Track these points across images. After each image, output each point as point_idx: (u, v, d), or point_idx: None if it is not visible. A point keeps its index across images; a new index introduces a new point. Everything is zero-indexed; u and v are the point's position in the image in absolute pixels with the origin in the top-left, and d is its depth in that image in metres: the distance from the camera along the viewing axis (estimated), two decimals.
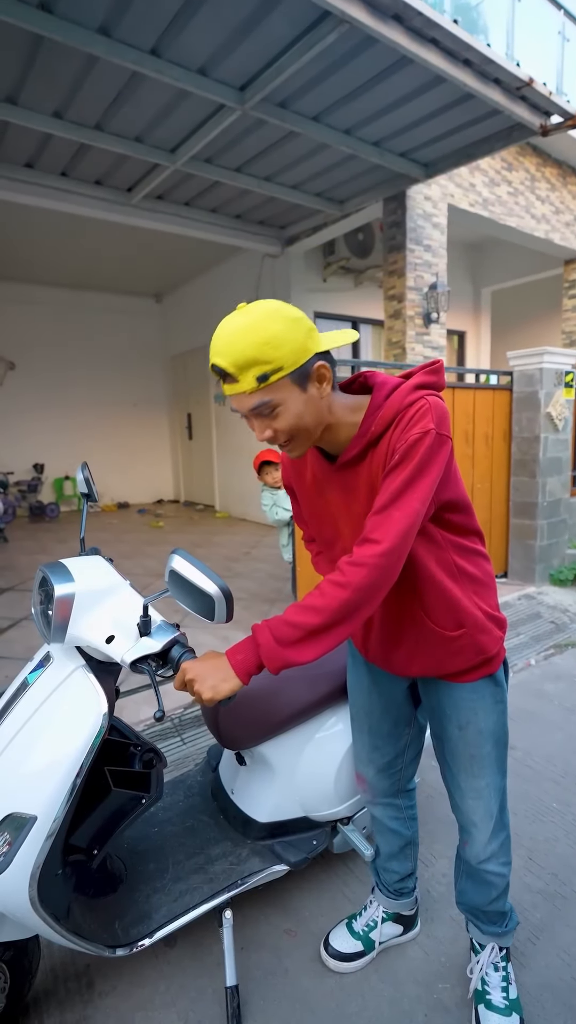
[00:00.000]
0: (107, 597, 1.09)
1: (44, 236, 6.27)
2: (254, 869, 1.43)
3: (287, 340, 0.88)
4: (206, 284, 7.95)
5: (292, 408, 0.93)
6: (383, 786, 1.41)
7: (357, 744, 1.41)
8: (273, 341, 0.87)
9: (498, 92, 3.25)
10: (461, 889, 1.33)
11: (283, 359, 0.88)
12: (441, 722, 1.21)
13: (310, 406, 0.95)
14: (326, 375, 0.96)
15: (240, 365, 0.88)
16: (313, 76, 3.18)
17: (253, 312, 0.89)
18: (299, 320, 0.91)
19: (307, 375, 0.93)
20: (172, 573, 0.89)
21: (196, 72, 3.13)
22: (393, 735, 1.35)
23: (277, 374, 0.89)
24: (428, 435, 0.92)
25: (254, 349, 0.87)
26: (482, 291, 8.14)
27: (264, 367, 0.88)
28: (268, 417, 0.94)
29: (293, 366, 0.90)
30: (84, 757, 1.05)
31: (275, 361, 0.88)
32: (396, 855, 1.47)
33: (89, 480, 1.41)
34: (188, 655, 1.01)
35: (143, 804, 1.21)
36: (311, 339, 0.93)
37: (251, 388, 0.90)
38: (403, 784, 1.43)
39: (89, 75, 3.15)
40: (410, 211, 4.81)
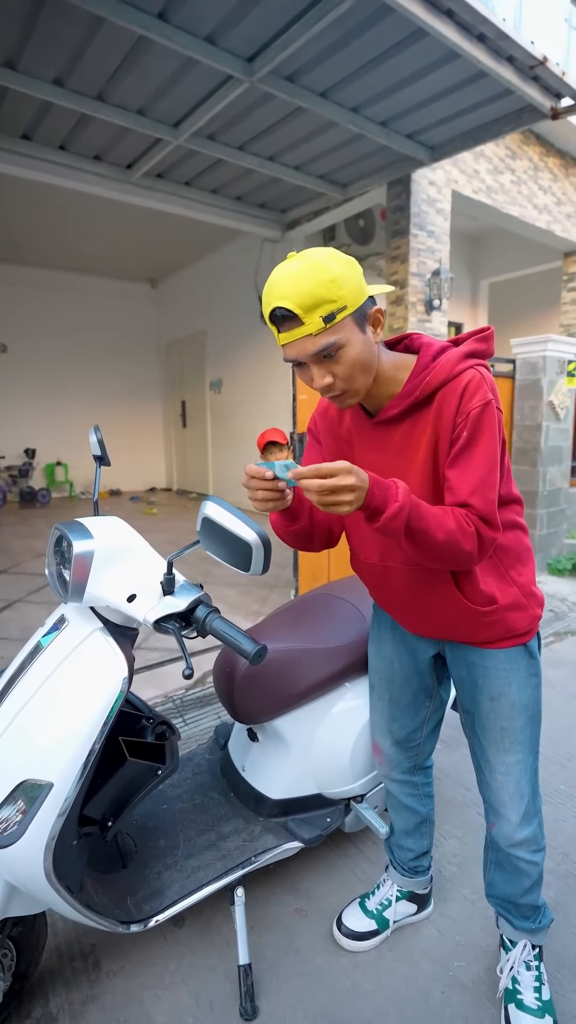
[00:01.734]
0: (127, 555, 1.03)
1: (38, 216, 6.13)
2: (267, 846, 1.39)
3: (348, 279, 0.88)
4: (203, 270, 7.84)
5: (354, 349, 0.92)
6: (400, 760, 1.37)
7: (375, 714, 1.37)
8: (338, 279, 0.87)
9: (511, 71, 3.20)
10: (491, 880, 1.28)
11: (347, 297, 0.88)
12: (471, 693, 1.17)
13: (368, 349, 0.95)
14: (380, 319, 0.96)
15: (307, 306, 0.86)
16: (324, 48, 3.10)
17: (311, 256, 0.88)
18: (352, 262, 0.92)
19: (366, 316, 0.94)
20: (205, 521, 0.84)
21: (204, 40, 3.04)
22: (413, 707, 1.32)
23: (343, 312, 0.88)
24: (488, 406, 0.94)
25: (322, 287, 0.85)
26: (480, 283, 8.11)
27: (331, 306, 0.87)
28: (330, 360, 0.92)
29: (355, 305, 0.90)
30: (103, 723, 1.00)
31: (340, 300, 0.87)
32: (411, 832, 1.44)
33: (102, 442, 1.35)
34: (213, 615, 0.96)
35: (159, 775, 1.16)
36: (364, 282, 0.93)
37: (318, 328, 0.88)
38: (420, 760, 1.39)
39: (94, 40, 3.04)
40: (414, 196, 4.75)
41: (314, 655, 1.44)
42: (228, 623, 0.94)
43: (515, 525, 1.11)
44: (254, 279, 6.63)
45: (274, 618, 1.59)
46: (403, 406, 0.99)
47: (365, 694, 1.51)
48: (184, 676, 0.87)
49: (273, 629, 1.52)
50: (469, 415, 0.94)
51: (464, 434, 0.94)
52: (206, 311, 7.94)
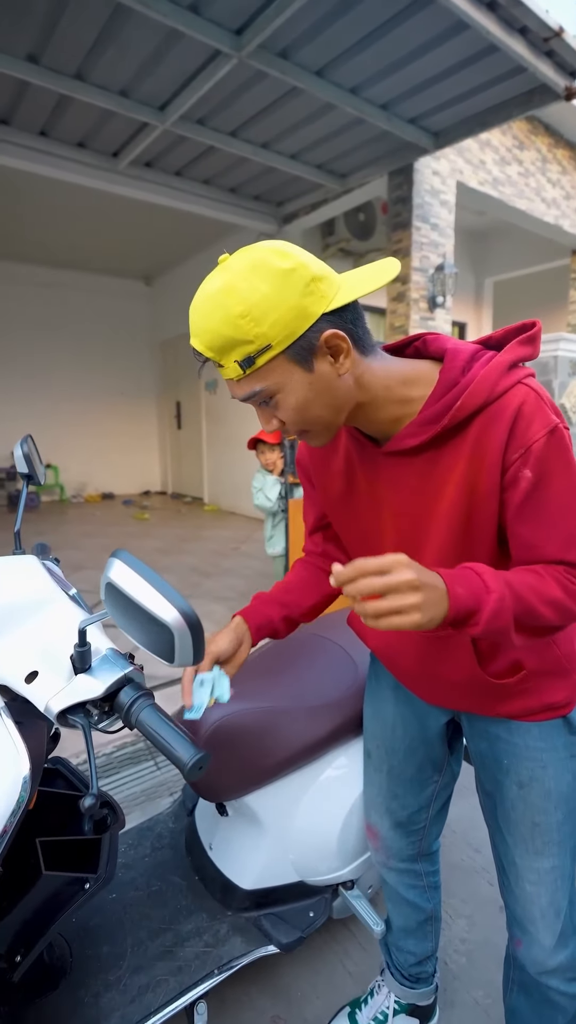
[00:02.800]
0: (33, 615, 0.77)
1: (26, 208, 5.88)
2: (235, 953, 1.13)
3: (274, 306, 0.63)
4: (198, 266, 7.58)
5: (295, 395, 0.69)
6: (399, 846, 1.11)
7: (371, 788, 1.12)
8: (253, 311, 0.63)
9: (523, 44, 2.95)
10: (513, 1008, 1.01)
11: (270, 334, 0.64)
12: (494, 774, 0.92)
13: (320, 389, 0.70)
14: (341, 346, 0.68)
15: (217, 348, 0.66)
16: (319, 18, 2.85)
17: (232, 268, 0.65)
18: (292, 272, 0.64)
19: (311, 349, 0.67)
20: (110, 588, 0.57)
21: (187, 8, 2.79)
22: (418, 782, 1.06)
23: (264, 355, 0.65)
24: (556, 433, 0.69)
25: (229, 326, 0.63)
26: (485, 282, 7.86)
27: (246, 348, 0.64)
28: (268, 407, 0.72)
29: (287, 341, 0.65)
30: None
31: (259, 339, 0.64)
32: (413, 932, 1.18)
33: (31, 457, 1.09)
34: (143, 701, 0.70)
35: (87, 890, 0.90)
36: (313, 296, 0.65)
37: (236, 375, 0.68)
38: (425, 845, 1.13)
39: (66, 8, 2.79)
40: (417, 186, 4.49)
41: (294, 716, 1.18)
42: (162, 716, 0.68)
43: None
44: None
45: (248, 666, 1.33)
46: (426, 436, 0.73)
47: (356, 760, 1.25)
48: (82, 808, 0.61)
49: (246, 681, 1.25)
50: (531, 450, 0.68)
51: (529, 475, 0.69)
52: None
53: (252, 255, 0.65)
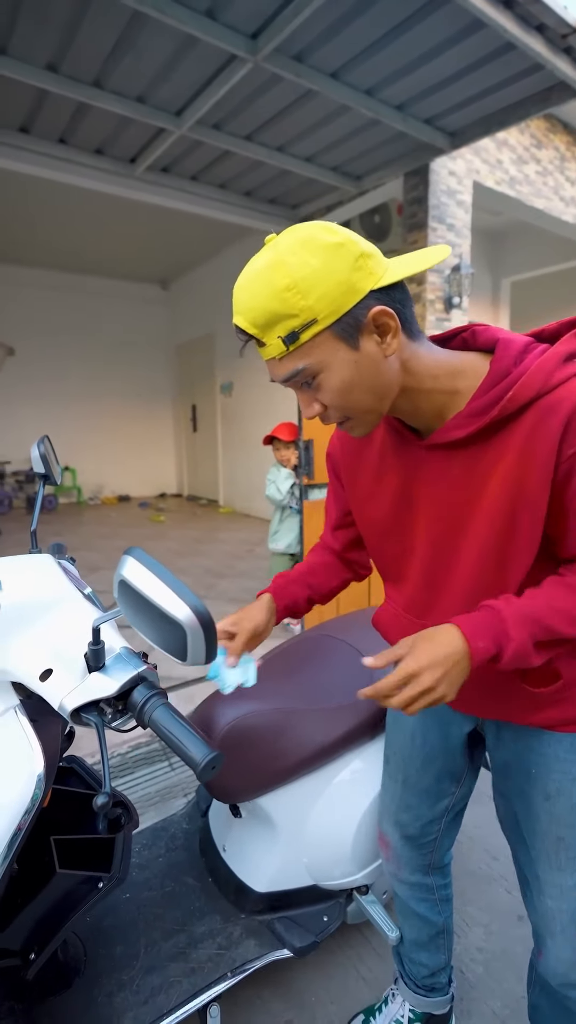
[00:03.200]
0: (47, 614, 0.78)
1: (46, 216, 5.97)
2: (248, 956, 1.13)
3: (321, 280, 0.62)
4: (214, 269, 7.63)
5: (338, 374, 0.67)
6: (409, 857, 1.09)
7: (386, 795, 1.10)
8: (301, 284, 0.61)
9: (540, 41, 2.91)
10: (535, 1004, 1.00)
11: (316, 307, 0.62)
12: (520, 786, 0.89)
13: (366, 369, 0.67)
14: (390, 324, 0.66)
15: (262, 324, 0.64)
16: (334, 21, 2.85)
17: (280, 245, 0.64)
18: (342, 246, 0.62)
19: (357, 326, 0.65)
20: (123, 585, 0.57)
21: (203, 14, 2.80)
22: (433, 793, 1.04)
23: (309, 329, 0.63)
24: None
25: (275, 299, 0.62)
26: (501, 282, 7.77)
27: (292, 322, 0.63)
28: (310, 389, 0.69)
29: (333, 316, 0.63)
30: (9, 837, 0.74)
31: (304, 312, 0.62)
32: (424, 945, 1.15)
33: (47, 457, 1.10)
34: (156, 700, 0.70)
35: (100, 888, 0.90)
36: (362, 271, 0.63)
37: (279, 352, 0.65)
38: (436, 858, 1.10)
39: (85, 17, 2.83)
40: (433, 186, 4.46)
41: (308, 718, 1.17)
42: (175, 715, 0.68)
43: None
44: None
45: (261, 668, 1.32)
46: (474, 427, 0.70)
47: (371, 764, 1.23)
48: (95, 806, 0.61)
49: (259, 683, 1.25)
50: (563, 454, 0.65)
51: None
52: (216, 312, 7.73)
53: (300, 232, 0.64)
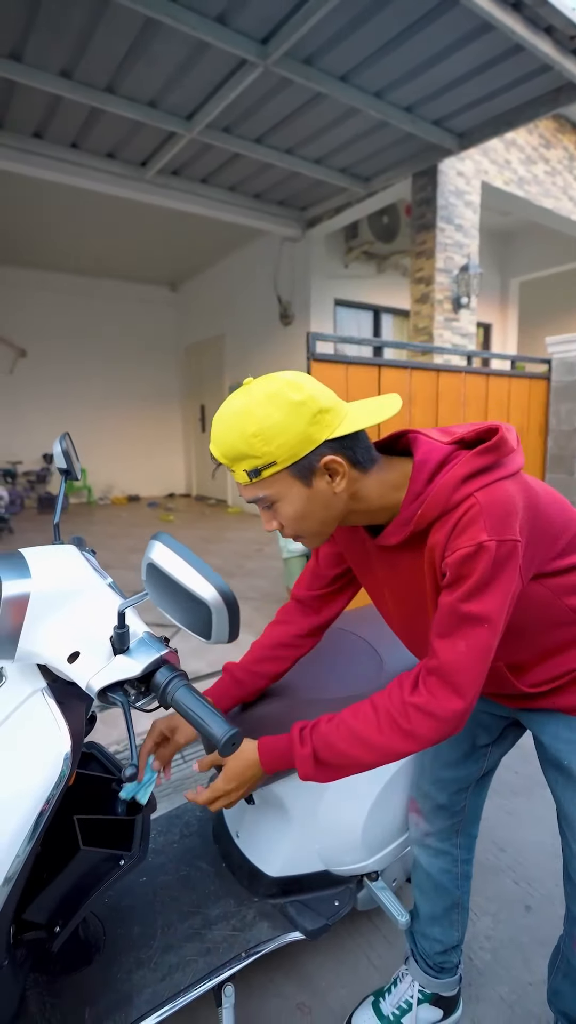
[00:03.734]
0: (74, 600, 0.82)
1: (57, 219, 6.05)
2: (261, 938, 1.16)
3: (282, 431, 0.74)
4: (223, 272, 7.69)
5: (292, 505, 0.80)
6: (438, 827, 1.16)
7: (417, 767, 1.18)
8: (265, 433, 0.74)
9: (549, 43, 2.93)
10: (556, 989, 1.03)
11: (276, 453, 0.75)
12: (557, 776, 0.94)
13: (316, 502, 0.80)
14: (339, 469, 0.79)
15: (231, 457, 0.77)
16: (343, 25, 2.89)
17: (252, 394, 0.76)
18: (303, 404, 0.75)
19: (311, 469, 0.78)
20: (152, 568, 0.61)
21: (214, 20, 2.85)
22: (460, 764, 1.11)
23: (270, 469, 0.76)
24: (482, 551, 0.73)
25: (243, 442, 0.75)
26: (510, 282, 7.77)
27: (255, 461, 0.76)
28: (270, 511, 0.83)
29: (289, 460, 0.76)
30: (38, 813, 0.78)
31: (266, 455, 0.75)
32: (439, 918, 1.19)
33: (69, 453, 1.14)
34: (178, 681, 0.73)
35: (121, 866, 0.94)
36: (318, 425, 0.76)
37: (244, 482, 0.79)
38: (465, 825, 1.16)
39: (99, 25, 2.89)
40: (441, 187, 4.49)
41: (320, 708, 1.19)
42: (196, 695, 0.72)
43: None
44: (274, 280, 6.44)
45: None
46: (401, 536, 0.83)
47: None
48: (124, 778, 0.65)
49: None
50: (455, 556, 0.75)
51: (447, 577, 0.77)
52: (225, 313, 7.79)
53: (271, 385, 0.76)
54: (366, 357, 2.76)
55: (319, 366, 2.67)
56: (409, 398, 2.83)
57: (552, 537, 0.83)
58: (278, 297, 6.40)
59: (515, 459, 0.80)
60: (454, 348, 4.62)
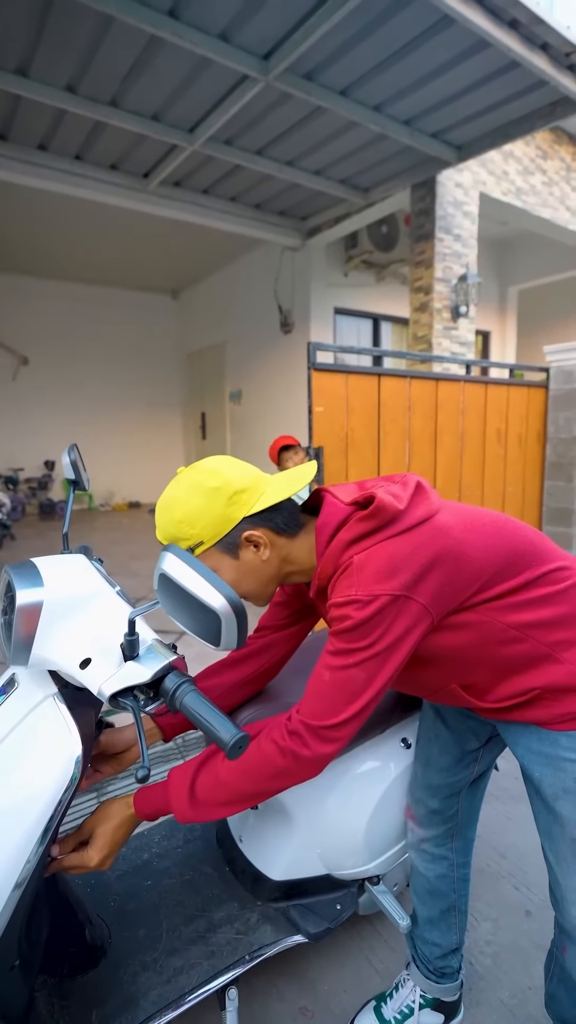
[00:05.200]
0: (85, 608, 0.84)
1: (60, 228, 6.12)
2: (265, 941, 1.17)
3: (202, 515, 0.85)
4: (224, 280, 7.76)
5: (227, 575, 0.90)
6: (434, 829, 1.18)
7: (414, 773, 1.22)
8: (188, 519, 0.86)
9: (544, 59, 2.99)
10: (552, 994, 1.03)
11: (202, 534, 0.86)
12: (535, 787, 0.94)
13: (247, 571, 0.91)
14: (260, 540, 0.89)
15: (168, 538, 0.89)
16: (343, 41, 2.95)
17: (180, 483, 0.88)
18: (218, 489, 0.86)
19: (235, 544, 0.89)
20: (163, 578, 0.64)
21: (217, 37, 2.91)
22: (451, 770, 1.13)
23: (199, 548, 0.87)
24: (352, 603, 0.80)
25: (173, 526, 0.87)
26: (508, 290, 7.84)
27: (186, 542, 0.87)
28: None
29: (214, 538, 0.87)
30: (48, 818, 0.81)
31: (193, 537, 0.86)
32: (437, 922, 1.21)
33: (77, 464, 1.17)
34: (186, 687, 0.76)
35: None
36: (236, 505, 0.87)
37: None
38: (459, 828, 1.18)
39: (103, 41, 2.95)
40: (440, 198, 4.55)
41: None
42: (204, 699, 0.74)
43: (553, 595, 0.89)
44: (274, 288, 6.50)
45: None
46: (314, 592, 0.94)
47: (383, 758, 1.28)
48: (137, 779, 0.67)
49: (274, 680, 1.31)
50: (330, 614, 0.84)
51: (326, 626, 0.88)
52: (226, 321, 7.85)
53: (193, 476, 0.87)
54: (366, 366, 2.80)
55: (320, 375, 2.70)
56: (409, 407, 2.86)
57: (474, 573, 0.85)
58: (278, 305, 6.46)
59: (411, 513, 0.86)
60: (453, 357, 4.67)
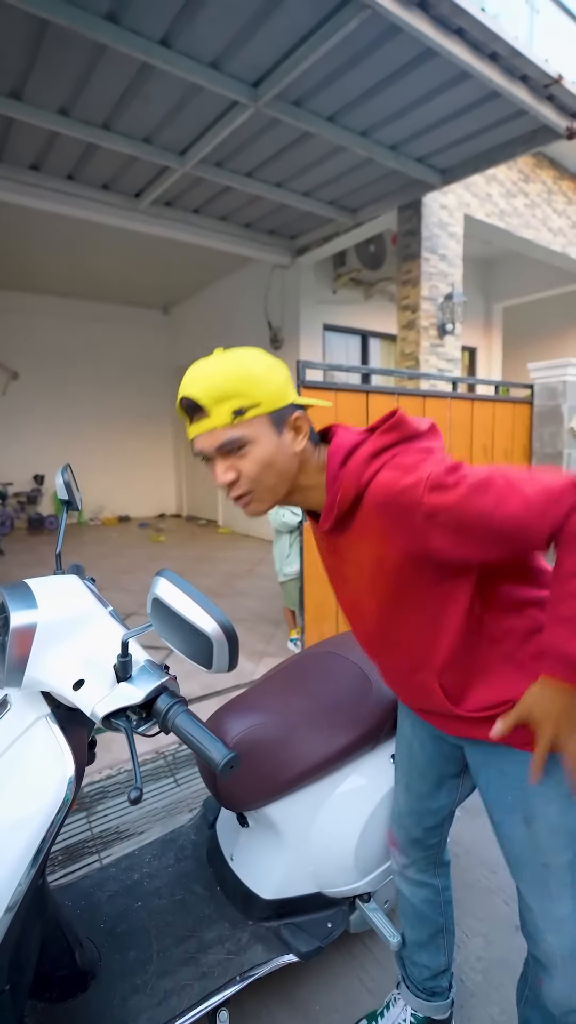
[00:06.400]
0: (79, 629, 0.86)
1: (51, 245, 6.17)
2: (256, 961, 1.18)
3: (266, 380, 0.83)
4: (215, 296, 7.85)
5: (263, 449, 0.84)
6: (416, 857, 1.17)
7: (395, 801, 1.19)
8: (251, 378, 0.82)
9: (524, 90, 3.10)
10: (526, 1017, 1.02)
11: (261, 396, 0.82)
12: (501, 810, 0.92)
13: (281, 453, 0.86)
14: (303, 427, 0.87)
15: (215, 397, 0.81)
16: (331, 71, 3.04)
17: (231, 353, 0.84)
18: (279, 367, 0.87)
19: (283, 420, 0.86)
20: (156, 603, 0.66)
21: (208, 65, 2.99)
22: (432, 797, 1.11)
23: (254, 410, 0.82)
24: (430, 480, 0.77)
25: (233, 382, 0.81)
26: (494, 307, 8.00)
27: (242, 400, 0.81)
28: (236, 456, 0.84)
29: (271, 406, 0.83)
30: (40, 840, 0.81)
31: (253, 397, 0.82)
32: (425, 945, 1.21)
33: (71, 485, 1.19)
34: (178, 707, 0.77)
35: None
36: (289, 387, 0.87)
37: (224, 422, 0.82)
38: (442, 853, 1.18)
39: (96, 67, 3.01)
40: (425, 219, 4.66)
41: (311, 731, 1.24)
42: (195, 720, 0.76)
43: (534, 601, 0.90)
44: (264, 305, 6.59)
45: (266, 683, 1.40)
46: (331, 520, 0.89)
47: (372, 775, 1.30)
48: (130, 800, 0.68)
49: (264, 697, 1.32)
50: (424, 509, 0.77)
51: (454, 523, 0.77)
52: (217, 336, 7.92)
53: (248, 349, 0.86)
54: (354, 384, 2.84)
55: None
56: None
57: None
58: (268, 321, 6.54)
59: (433, 438, 0.88)
60: (440, 374, 4.75)
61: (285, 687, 1.35)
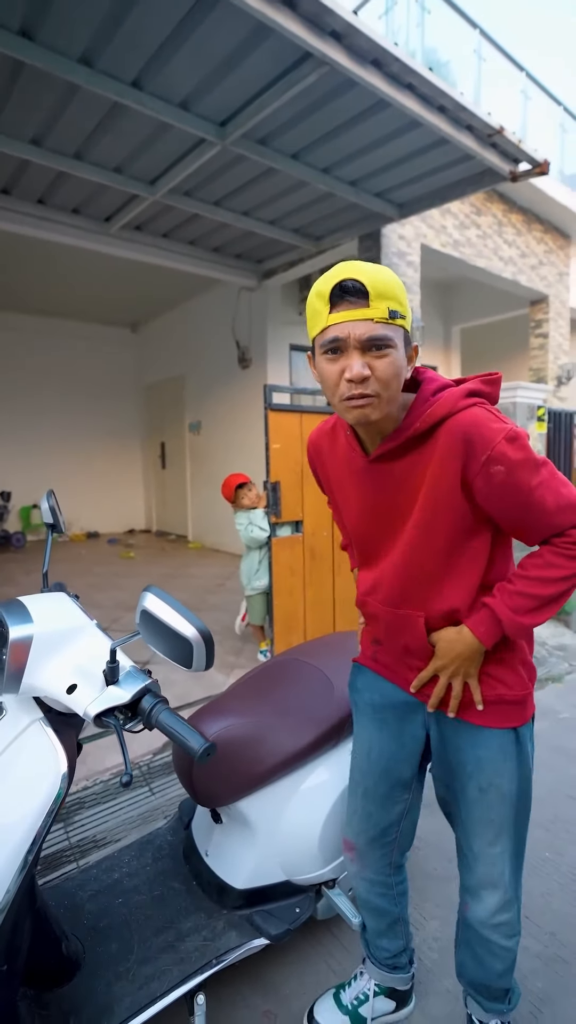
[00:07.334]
0: (70, 640, 0.97)
1: (18, 263, 6.20)
2: (230, 945, 1.28)
3: (407, 302, 0.91)
4: (183, 315, 7.98)
5: (401, 358, 0.91)
6: (373, 858, 1.24)
7: (350, 807, 1.26)
8: (404, 293, 0.89)
9: (470, 138, 3.37)
10: (461, 961, 1.20)
11: (407, 312, 0.90)
12: (460, 779, 1.10)
13: (403, 368, 0.92)
14: (414, 356, 0.96)
15: (381, 292, 0.85)
16: (293, 115, 3.25)
17: (378, 266, 0.90)
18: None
19: (408, 341, 0.94)
20: (144, 614, 0.78)
21: (177, 106, 3.16)
22: (389, 800, 1.20)
23: (403, 320, 0.89)
24: (511, 435, 0.90)
25: (395, 287, 0.87)
26: (452, 329, 8.39)
27: (398, 306, 0.88)
28: (375, 355, 0.88)
29: (406, 324, 0.91)
30: (41, 822, 0.91)
31: (404, 308, 0.89)
32: (384, 933, 1.32)
33: (55, 509, 1.29)
34: (160, 706, 0.89)
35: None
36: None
37: (381, 317, 0.86)
38: (396, 857, 1.27)
39: (70, 104, 3.14)
40: (385, 249, 4.92)
41: (279, 730, 1.36)
42: (176, 716, 0.88)
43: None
44: (231, 325, 6.76)
45: (238, 687, 1.52)
46: (401, 439, 0.96)
47: (334, 769, 1.43)
48: (122, 784, 0.79)
49: (235, 700, 1.44)
50: (494, 453, 0.89)
51: (501, 470, 0.90)
52: (185, 355, 8.04)
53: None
54: (320, 406, 3.00)
55: (276, 416, 2.90)
56: None
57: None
58: (236, 341, 6.71)
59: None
60: None
61: (255, 691, 1.47)
